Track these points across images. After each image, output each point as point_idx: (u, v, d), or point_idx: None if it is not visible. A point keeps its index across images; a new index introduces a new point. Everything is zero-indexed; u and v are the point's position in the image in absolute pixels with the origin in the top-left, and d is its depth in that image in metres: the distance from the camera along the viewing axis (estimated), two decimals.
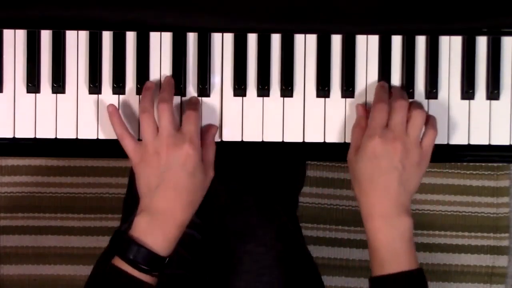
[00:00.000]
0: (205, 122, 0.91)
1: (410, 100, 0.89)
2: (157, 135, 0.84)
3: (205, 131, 0.88)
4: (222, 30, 0.91)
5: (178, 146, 0.82)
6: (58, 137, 0.91)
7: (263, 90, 0.90)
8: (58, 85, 0.90)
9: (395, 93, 0.87)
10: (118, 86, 0.90)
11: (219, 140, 0.90)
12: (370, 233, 0.83)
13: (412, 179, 0.83)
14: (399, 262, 0.81)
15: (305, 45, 0.91)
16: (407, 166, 0.82)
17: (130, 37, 0.91)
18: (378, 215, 0.82)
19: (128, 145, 0.86)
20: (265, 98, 0.91)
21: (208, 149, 0.87)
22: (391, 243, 0.82)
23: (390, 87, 0.90)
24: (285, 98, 0.91)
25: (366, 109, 0.89)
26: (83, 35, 0.91)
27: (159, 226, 0.82)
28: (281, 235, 0.99)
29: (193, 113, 0.85)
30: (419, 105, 0.86)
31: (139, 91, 0.90)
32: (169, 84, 0.89)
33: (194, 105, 0.88)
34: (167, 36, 0.91)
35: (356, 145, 0.86)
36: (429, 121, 0.86)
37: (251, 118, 0.91)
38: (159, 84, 0.91)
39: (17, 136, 0.91)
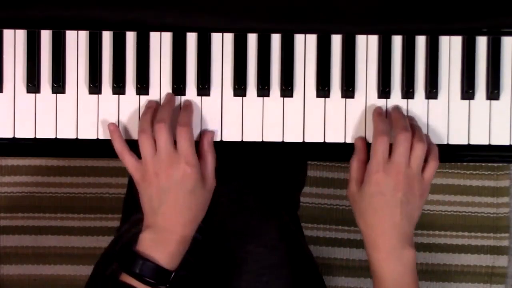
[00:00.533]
0: (205, 122, 0.91)
1: (410, 115, 0.90)
2: (155, 154, 0.84)
3: (201, 140, 0.88)
4: (222, 30, 0.90)
5: (175, 166, 0.83)
6: (58, 137, 0.91)
7: (263, 90, 0.90)
8: (58, 85, 0.90)
9: (398, 122, 0.86)
10: (118, 86, 0.90)
11: (219, 140, 0.90)
12: (374, 264, 0.84)
13: (414, 211, 0.85)
14: None
15: (305, 45, 0.91)
16: (411, 199, 0.83)
17: (130, 37, 0.91)
18: (383, 246, 0.84)
19: (129, 162, 0.86)
20: (265, 98, 0.91)
21: (206, 160, 0.87)
22: (395, 274, 0.83)
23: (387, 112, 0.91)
24: (285, 98, 0.91)
25: (365, 143, 0.89)
26: (83, 35, 0.91)
27: (162, 242, 0.83)
28: (282, 235, 0.99)
29: (184, 129, 0.84)
30: (421, 136, 0.85)
31: (139, 91, 0.90)
32: (169, 102, 0.88)
33: (186, 115, 0.87)
34: (167, 36, 0.91)
35: (357, 178, 0.87)
36: (431, 151, 0.86)
37: (251, 118, 0.91)
38: (159, 88, 0.91)
39: (17, 136, 0.91)
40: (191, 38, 0.91)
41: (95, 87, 0.90)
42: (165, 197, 0.83)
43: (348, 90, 0.90)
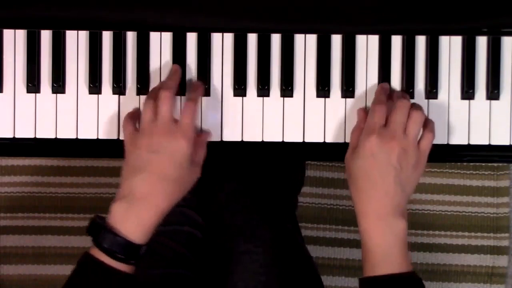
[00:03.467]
0: (205, 122, 0.91)
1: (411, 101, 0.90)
2: (155, 119, 0.84)
3: (200, 134, 0.88)
4: (222, 30, 0.91)
5: (172, 135, 0.82)
6: (58, 137, 0.91)
7: (263, 90, 0.90)
8: (58, 85, 0.90)
9: (397, 94, 0.88)
10: (118, 86, 0.90)
11: (219, 140, 0.91)
12: (364, 233, 0.82)
13: (408, 181, 0.83)
14: (391, 264, 0.80)
15: (305, 45, 0.91)
16: (404, 166, 0.82)
17: (130, 37, 0.91)
18: (374, 214, 0.82)
19: (127, 126, 0.86)
20: (265, 98, 0.91)
21: (199, 149, 0.87)
22: (384, 244, 0.81)
23: (390, 88, 0.91)
24: (285, 98, 0.91)
25: (367, 114, 0.89)
26: (83, 35, 0.91)
27: (137, 213, 0.81)
28: (280, 235, 1.00)
29: (192, 106, 0.85)
30: (419, 107, 0.86)
31: (139, 91, 0.91)
32: (176, 73, 0.89)
33: (195, 92, 0.88)
34: (167, 36, 0.91)
35: (354, 145, 0.86)
36: (428, 124, 0.86)
37: (251, 118, 0.91)
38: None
39: (17, 136, 0.91)
40: (191, 38, 0.91)
41: (95, 87, 0.90)
42: (151, 160, 0.81)
43: (348, 90, 0.90)
